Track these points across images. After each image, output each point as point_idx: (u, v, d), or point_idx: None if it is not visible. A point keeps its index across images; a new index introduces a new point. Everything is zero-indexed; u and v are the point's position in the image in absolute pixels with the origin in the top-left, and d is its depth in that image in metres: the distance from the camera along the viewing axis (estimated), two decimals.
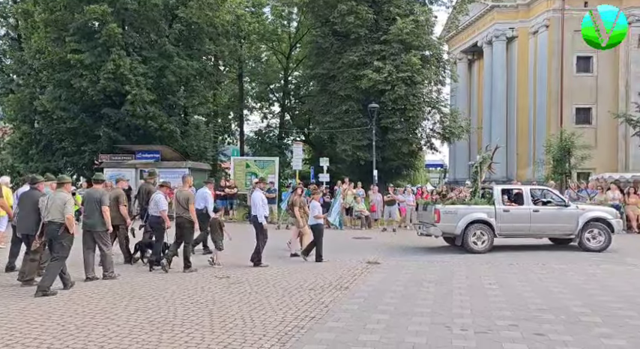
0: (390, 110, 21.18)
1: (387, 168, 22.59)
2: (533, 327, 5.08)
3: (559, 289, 7.01)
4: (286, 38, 31.43)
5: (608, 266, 9.06)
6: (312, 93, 27.31)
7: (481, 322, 5.29)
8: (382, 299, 6.39)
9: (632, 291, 6.88)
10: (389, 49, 21.13)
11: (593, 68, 32.15)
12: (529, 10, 33.59)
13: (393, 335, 4.83)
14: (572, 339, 4.69)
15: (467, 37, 38.64)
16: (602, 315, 5.55)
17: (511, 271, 8.59)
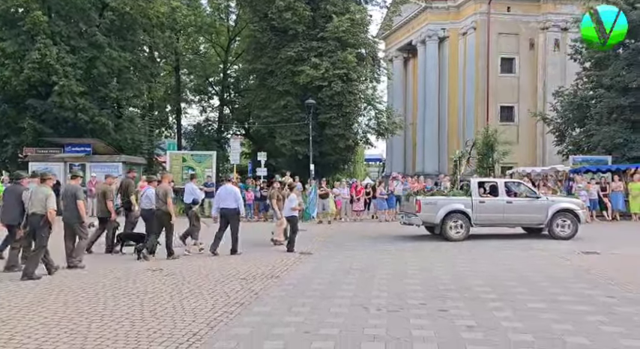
0: (327, 106, 21.72)
1: (324, 162, 23.17)
2: (439, 305, 5.72)
3: (470, 272, 7.81)
4: (225, 31, 31.12)
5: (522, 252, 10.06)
6: (251, 87, 27.33)
7: (395, 302, 5.87)
8: (310, 286, 6.83)
9: (530, 272, 7.80)
10: (326, 46, 21.63)
11: (515, 69, 34.54)
12: (459, 12, 35.42)
13: (316, 316, 5.27)
14: (469, 313, 5.36)
15: (402, 36, 40.07)
16: (499, 293, 6.32)
17: (433, 257, 9.39)
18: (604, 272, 7.64)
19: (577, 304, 5.73)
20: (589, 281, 7.09)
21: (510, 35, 34.27)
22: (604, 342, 4.40)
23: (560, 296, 6.13)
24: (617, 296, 6.13)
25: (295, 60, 22.01)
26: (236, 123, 33.62)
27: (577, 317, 5.18)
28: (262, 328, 4.83)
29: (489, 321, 5.05)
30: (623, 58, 18.49)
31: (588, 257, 9.38)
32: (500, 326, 4.90)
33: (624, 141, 18.24)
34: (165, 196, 8.90)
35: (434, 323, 5.01)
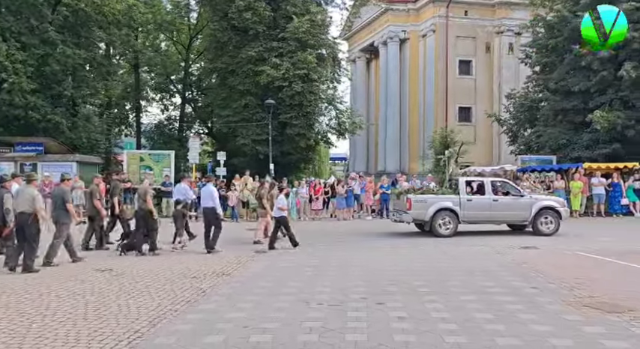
0: (288, 106, 21.90)
1: (285, 162, 23.34)
2: (378, 298, 6.05)
3: (414, 268, 8.21)
4: (186, 29, 30.77)
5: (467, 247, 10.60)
6: (212, 86, 27.18)
7: (338, 297, 6.16)
8: (258, 283, 7.04)
9: (468, 267, 8.27)
10: (286, 47, 21.79)
11: (472, 71, 35.75)
12: (419, 14, 36.32)
13: (258, 312, 5.49)
14: (402, 305, 5.71)
15: (365, 37, 40.70)
16: (436, 287, 6.72)
17: (384, 254, 9.77)
18: (535, 266, 8.19)
19: (503, 295, 6.19)
20: (519, 274, 7.60)
21: (468, 38, 35.45)
22: (518, 328, 4.82)
23: (490, 288, 6.59)
24: (540, 287, 6.65)
25: (256, 60, 22.07)
26: (199, 122, 33.32)
27: (499, 307, 5.62)
28: (204, 324, 5.02)
29: (421, 313, 5.41)
30: (566, 63, 19.55)
31: (526, 251, 9.98)
32: (430, 317, 5.26)
33: (567, 142, 19.29)
34: (145, 196, 9.59)
35: (369, 315, 5.32)
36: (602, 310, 5.45)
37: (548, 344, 4.38)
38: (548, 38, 20.15)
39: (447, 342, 4.44)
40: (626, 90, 17.69)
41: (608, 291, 6.31)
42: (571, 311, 5.45)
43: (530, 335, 4.60)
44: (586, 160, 17.85)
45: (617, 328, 4.80)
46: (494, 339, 4.51)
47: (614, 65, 17.90)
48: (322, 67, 22.78)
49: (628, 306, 5.58)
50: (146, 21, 22.95)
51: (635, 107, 17.50)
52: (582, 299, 5.94)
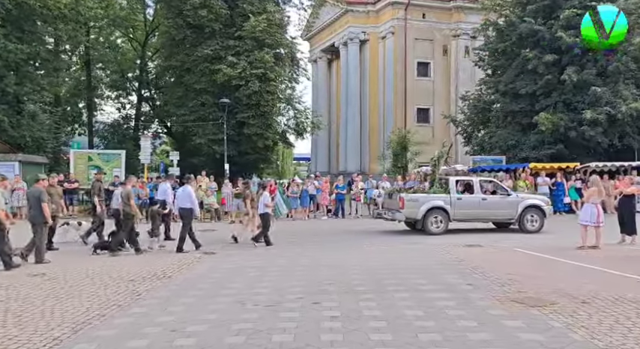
0: (245, 105, 21.75)
1: (243, 161, 23.17)
2: (315, 298, 6.07)
3: (356, 267, 8.30)
4: (142, 26, 30.02)
5: (411, 245, 10.83)
6: (168, 84, 26.64)
7: (274, 298, 6.14)
8: (197, 285, 6.93)
9: (409, 265, 8.44)
10: (243, 46, 21.64)
11: (430, 73, 36.56)
12: (378, 16, 36.79)
13: (190, 315, 5.39)
14: (337, 304, 5.75)
15: (326, 38, 40.87)
16: (373, 285, 6.80)
17: (328, 254, 9.81)
18: (475, 263, 8.43)
19: (437, 292, 6.34)
20: (458, 271, 7.80)
21: (426, 41, 36.22)
22: (444, 324, 4.94)
23: (425, 285, 6.73)
24: (475, 283, 6.85)
25: (212, 58, 21.82)
26: (158, 121, 32.58)
27: (431, 304, 5.74)
28: (130, 329, 4.88)
29: (353, 311, 5.45)
30: (515, 66, 20.30)
31: (470, 249, 10.27)
32: (361, 315, 5.31)
33: (516, 143, 20.03)
34: (127, 198, 9.85)
35: (302, 315, 5.32)
36: (526, 305, 5.66)
37: (467, 339, 4.51)
38: (498, 42, 20.85)
39: (372, 340, 4.50)
40: (568, 93, 18.53)
41: (537, 286, 6.57)
42: (497, 306, 5.64)
43: (453, 331, 4.72)
44: (532, 160, 18.56)
45: (537, 322, 4.99)
46: (418, 335, 4.61)
47: (557, 69, 18.72)
48: (280, 67, 22.75)
49: (551, 300, 5.82)
50: (95, 16, 22.18)
51: (577, 110, 18.36)
52: (511, 295, 6.16)
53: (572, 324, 4.86)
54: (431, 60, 36.41)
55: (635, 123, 18.24)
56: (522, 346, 4.31)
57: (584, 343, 4.34)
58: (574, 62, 18.30)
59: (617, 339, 4.41)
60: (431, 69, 36.48)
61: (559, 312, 5.30)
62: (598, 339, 4.41)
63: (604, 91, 17.60)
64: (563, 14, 17.99)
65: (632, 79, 18.56)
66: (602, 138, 17.83)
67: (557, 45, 18.42)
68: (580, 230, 10.12)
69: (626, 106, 17.21)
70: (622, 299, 5.80)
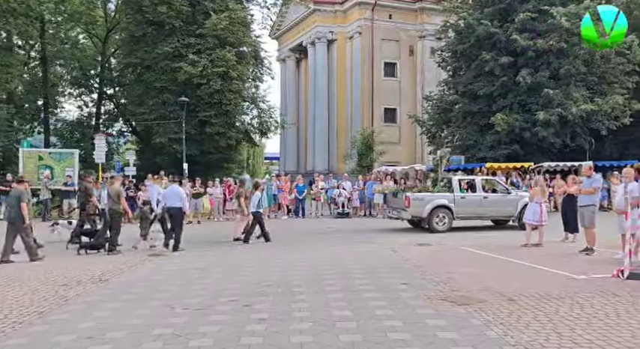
0: (207, 104, 21.45)
1: (206, 161, 22.85)
2: (248, 300, 6.01)
3: (300, 268, 8.28)
4: (103, 22, 29.22)
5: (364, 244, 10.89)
6: (128, 82, 26.03)
7: (207, 301, 6.05)
8: (132, 288, 6.77)
9: (354, 264, 8.48)
10: (204, 43, 21.33)
11: (397, 73, 36.96)
12: (346, 16, 36.95)
13: (114, 320, 5.24)
14: (269, 307, 5.70)
15: (294, 37, 40.79)
16: (312, 286, 6.79)
17: (275, 255, 9.77)
18: (419, 262, 8.53)
19: (373, 292, 6.37)
20: (400, 270, 7.88)
21: (392, 41, 36.59)
22: (369, 324, 4.95)
23: (363, 285, 6.75)
24: (412, 283, 6.92)
25: (173, 56, 21.43)
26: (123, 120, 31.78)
27: (363, 304, 5.75)
28: (44, 337, 4.71)
29: (283, 314, 5.42)
30: (473, 68, 20.72)
31: (420, 248, 10.41)
32: (290, 317, 5.28)
33: (474, 143, 20.46)
34: (117, 196, 10.00)
35: (230, 318, 5.25)
36: (455, 303, 5.75)
37: (387, 338, 4.53)
38: (457, 44, 21.23)
39: (292, 342, 4.47)
40: (523, 95, 19.03)
41: (471, 284, 6.69)
42: (427, 305, 5.70)
43: (375, 331, 4.75)
44: (490, 160, 18.99)
45: (459, 320, 5.07)
46: (339, 336, 4.61)
47: (513, 71, 19.20)
48: (243, 65, 22.52)
49: (480, 298, 5.93)
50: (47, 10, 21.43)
51: (531, 111, 18.88)
52: (443, 293, 6.25)
53: (492, 322, 4.96)
54: (397, 60, 36.82)
55: (586, 124, 18.90)
56: (436, 344, 4.37)
57: (497, 339, 4.44)
58: (529, 64, 18.80)
59: (529, 335, 4.52)
60: (397, 69, 36.89)
61: (484, 310, 5.41)
62: (510, 336, 4.51)
63: (556, 93, 18.17)
64: (518, 17, 18.48)
65: (583, 82, 19.22)
66: (554, 139, 18.40)
67: (513, 47, 18.90)
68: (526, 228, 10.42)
69: (577, 108, 17.81)
70: (547, 296, 5.97)
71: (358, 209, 18.33)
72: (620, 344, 4.26)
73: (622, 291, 6.10)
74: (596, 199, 8.99)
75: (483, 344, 4.35)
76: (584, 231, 9.26)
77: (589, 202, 8.81)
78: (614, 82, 19.44)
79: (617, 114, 18.76)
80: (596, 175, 9.04)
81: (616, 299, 5.74)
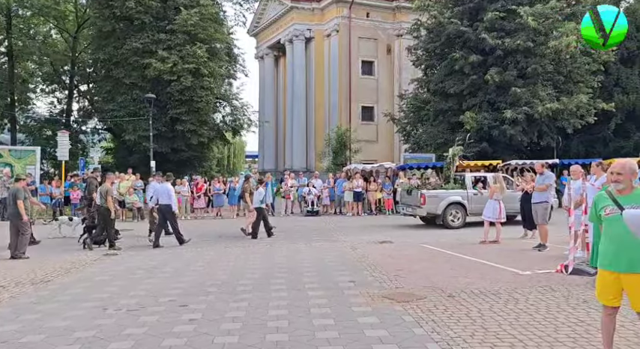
0: (177, 101, 21.14)
1: (177, 159, 22.53)
2: (186, 300, 5.88)
3: (255, 266, 8.18)
4: (73, 16, 28.60)
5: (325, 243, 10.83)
6: (97, 78, 25.54)
7: (144, 301, 5.89)
8: (70, 290, 6.57)
9: (310, 262, 8.41)
10: (175, 39, 21.00)
11: (375, 72, 36.97)
12: (323, 14, 36.83)
13: (40, 323, 5.05)
14: (205, 307, 5.58)
15: (271, 34, 40.52)
16: (260, 285, 6.70)
17: (234, 253, 9.65)
18: (373, 260, 8.50)
19: (317, 290, 6.30)
20: (352, 268, 7.82)
21: (370, 40, 36.59)
22: (300, 324, 4.86)
23: (310, 284, 6.68)
24: (359, 281, 6.86)
25: (143, 52, 21.06)
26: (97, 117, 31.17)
27: (303, 303, 5.66)
28: None
29: (217, 313, 5.31)
30: (444, 66, 20.82)
31: (381, 246, 10.37)
32: (222, 317, 5.15)
33: (445, 141, 20.55)
34: (106, 194, 10.28)
35: (161, 319, 5.12)
36: (394, 300, 5.71)
37: (314, 337, 4.47)
38: (429, 42, 21.31)
39: (215, 343, 4.37)
40: (492, 93, 19.18)
41: (417, 281, 6.67)
42: (366, 303, 5.65)
43: (305, 330, 4.67)
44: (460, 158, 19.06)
45: (392, 317, 5.03)
46: (266, 336, 4.53)
47: (483, 70, 19.34)
48: (215, 62, 22.24)
49: (421, 295, 5.91)
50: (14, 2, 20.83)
51: (500, 109, 19.05)
52: (387, 291, 6.21)
53: (424, 318, 4.93)
54: (375, 59, 36.83)
55: (552, 122, 19.15)
56: (361, 342, 4.31)
57: (423, 336, 4.40)
58: (497, 63, 18.96)
59: (457, 332, 4.49)
60: (375, 67, 36.90)
61: (420, 307, 5.38)
62: (437, 332, 4.49)
63: (523, 92, 18.36)
64: (486, 16, 18.61)
65: (550, 81, 19.46)
66: (522, 137, 18.60)
67: (483, 46, 19.04)
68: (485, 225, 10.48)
69: (543, 106, 18.03)
70: (487, 292, 5.98)
71: (328, 207, 18.28)
72: (541, 338, 4.27)
73: (560, 286, 6.14)
74: (548, 196, 9.06)
75: (408, 341, 4.31)
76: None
77: (541, 199, 8.89)
78: (580, 81, 19.74)
79: (582, 113, 19.06)
80: (547, 172, 9.12)
81: (552, 294, 5.78)
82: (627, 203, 3.20)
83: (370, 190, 17.67)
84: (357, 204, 17.53)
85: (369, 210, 17.78)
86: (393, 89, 36.79)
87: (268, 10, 40.15)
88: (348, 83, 35.76)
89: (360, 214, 17.51)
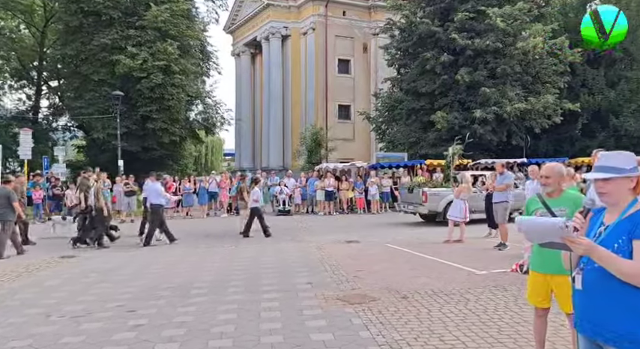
0: (148, 98, 20.77)
1: (148, 157, 22.16)
2: (135, 305, 5.72)
3: (213, 269, 8.06)
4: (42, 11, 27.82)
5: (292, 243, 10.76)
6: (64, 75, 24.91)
7: (91, 307, 5.71)
8: (17, 295, 6.35)
9: (273, 263, 8.33)
10: (145, 36, 20.63)
11: (351, 70, 37.02)
12: (299, 12, 36.66)
13: None
14: (154, 312, 5.44)
15: (248, 31, 40.17)
16: (214, 287, 6.58)
17: (197, 254, 9.49)
18: (337, 260, 8.44)
19: (272, 292, 6.21)
20: (313, 269, 7.76)
21: (347, 38, 36.58)
22: (247, 328, 4.76)
23: (267, 285, 6.58)
24: (316, 282, 6.80)
25: (112, 48, 20.61)
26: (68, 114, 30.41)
27: (254, 306, 5.56)
28: None
29: (164, 318, 5.18)
30: (416, 66, 20.94)
31: (346, 246, 10.35)
32: (170, 322, 5.02)
33: (417, 140, 20.70)
34: (97, 193, 10.44)
35: (103, 326, 4.96)
36: (347, 302, 5.67)
37: (258, 342, 4.39)
38: (401, 42, 21.40)
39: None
40: (463, 93, 19.38)
41: (374, 282, 6.65)
42: (319, 305, 5.59)
43: (250, 335, 4.58)
44: (432, 157, 19.24)
45: (342, 320, 4.98)
46: (209, 342, 4.43)
47: (454, 70, 19.52)
48: (186, 59, 21.92)
49: (374, 297, 5.88)
50: None
51: (470, 109, 19.27)
52: (342, 293, 6.16)
53: (373, 321, 4.90)
54: (352, 57, 36.87)
55: (521, 122, 19.47)
56: (305, 346, 4.25)
57: (367, 340, 4.36)
58: (468, 63, 19.16)
59: (402, 334, 4.47)
60: (352, 66, 36.94)
61: (372, 309, 5.35)
62: (382, 335, 4.45)
63: (493, 92, 18.61)
64: (457, 17, 18.78)
65: (518, 81, 19.77)
66: (491, 136, 18.85)
67: (454, 46, 19.21)
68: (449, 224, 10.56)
69: (511, 106, 18.31)
70: (440, 293, 5.99)
71: (300, 206, 18.21)
72: (483, 339, 4.28)
73: (512, 286, 6.20)
74: (508, 196, 9.17)
75: (351, 344, 4.27)
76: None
77: (501, 199, 8.99)
78: (548, 81, 20.11)
79: (549, 113, 19.42)
80: (507, 172, 9.23)
81: (503, 294, 5.82)
82: (556, 206, 3.23)
83: (342, 189, 17.66)
84: (329, 203, 17.51)
85: (341, 210, 17.77)
86: (370, 88, 36.87)
87: (244, 7, 39.80)
88: (325, 81, 35.72)
89: (331, 213, 17.49)
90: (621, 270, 1.97)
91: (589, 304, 2.11)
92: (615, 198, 2.10)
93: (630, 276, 1.95)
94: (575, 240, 2.02)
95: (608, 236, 2.08)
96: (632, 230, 2.01)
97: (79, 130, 31.34)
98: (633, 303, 1.99)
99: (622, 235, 2.04)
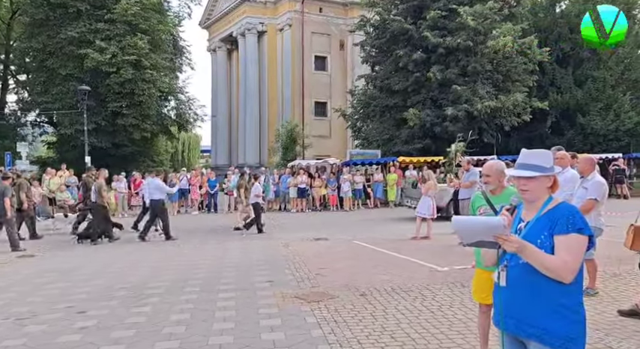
0: (118, 94, 20.30)
1: (119, 154, 21.69)
2: (86, 306, 5.55)
3: (177, 267, 7.90)
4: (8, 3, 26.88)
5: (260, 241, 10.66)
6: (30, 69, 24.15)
7: (38, 308, 5.51)
8: None
9: (236, 260, 8.22)
10: (114, 30, 20.13)
11: (328, 67, 36.96)
12: (276, 8, 36.38)
13: None
14: (106, 313, 5.28)
15: (224, 27, 39.67)
16: (173, 286, 6.45)
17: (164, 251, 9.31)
18: (301, 258, 8.39)
19: (230, 291, 6.11)
20: (276, 267, 7.68)
21: (323, 35, 36.48)
22: (199, 329, 4.68)
23: (226, 284, 6.49)
24: (278, 280, 6.73)
25: (79, 41, 20.05)
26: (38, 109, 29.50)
27: (210, 305, 5.46)
28: None
29: (116, 319, 5.04)
30: (389, 63, 21.00)
31: (314, 243, 10.30)
32: (119, 324, 4.89)
33: (390, 137, 20.78)
34: (100, 190, 10.47)
35: (48, 328, 4.79)
36: (305, 301, 5.61)
37: (206, 343, 4.30)
38: (375, 39, 21.43)
39: None
40: (435, 91, 19.54)
41: (334, 280, 6.61)
42: (275, 304, 5.52)
43: (200, 336, 4.49)
44: (404, 154, 19.35)
45: (296, 319, 4.92)
46: (156, 344, 4.31)
47: (426, 67, 19.65)
48: (158, 54, 21.49)
49: (333, 294, 5.84)
50: None
51: (442, 106, 19.44)
52: (301, 291, 6.10)
53: (327, 319, 4.86)
54: (328, 54, 36.80)
55: (491, 120, 19.75)
56: (253, 346, 4.18)
57: (318, 339, 4.32)
58: (440, 61, 19.32)
59: (354, 332, 4.44)
60: (328, 63, 36.87)
61: (328, 307, 5.31)
62: (334, 334, 4.41)
63: (464, 90, 18.81)
64: (429, 15, 18.90)
65: (489, 80, 20.04)
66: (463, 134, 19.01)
67: (426, 44, 19.33)
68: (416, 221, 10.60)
69: (482, 104, 18.55)
70: (399, 290, 5.99)
71: (273, 203, 18.08)
72: (434, 335, 4.28)
73: (471, 282, 6.23)
74: (473, 192, 9.23)
75: (302, 344, 4.22)
76: None
77: (467, 195, 9.05)
78: (518, 80, 20.44)
79: (519, 111, 19.75)
80: (473, 169, 9.31)
81: (460, 290, 5.86)
82: (498, 202, 3.24)
83: (315, 186, 17.61)
84: (302, 200, 17.43)
85: (314, 207, 17.73)
86: (346, 85, 36.84)
87: (220, 2, 39.29)
88: (301, 78, 35.58)
89: (304, 210, 17.43)
90: (545, 264, 2.00)
91: (513, 300, 2.13)
92: (536, 196, 2.13)
93: (553, 270, 1.99)
94: (508, 238, 2.02)
95: (529, 232, 2.11)
96: (552, 226, 2.05)
97: (49, 126, 30.54)
98: (555, 298, 2.03)
99: (543, 231, 2.07)
